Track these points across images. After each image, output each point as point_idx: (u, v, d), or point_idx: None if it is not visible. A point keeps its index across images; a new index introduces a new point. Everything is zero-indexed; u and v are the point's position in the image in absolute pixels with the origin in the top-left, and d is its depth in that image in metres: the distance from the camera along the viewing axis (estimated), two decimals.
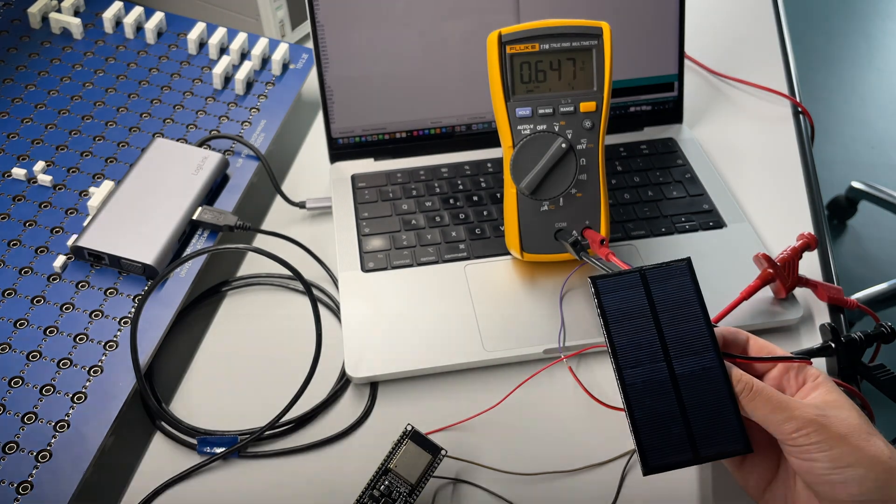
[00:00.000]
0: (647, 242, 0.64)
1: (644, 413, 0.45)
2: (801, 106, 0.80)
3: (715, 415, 0.45)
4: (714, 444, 0.45)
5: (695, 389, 0.46)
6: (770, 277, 0.58)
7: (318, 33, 0.67)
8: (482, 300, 0.60)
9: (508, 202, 0.60)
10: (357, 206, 0.67)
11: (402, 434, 0.49)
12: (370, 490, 0.48)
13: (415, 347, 0.57)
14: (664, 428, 0.45)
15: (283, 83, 0.74)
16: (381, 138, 0.71)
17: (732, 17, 0.92)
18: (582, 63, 0.58)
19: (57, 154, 0.65)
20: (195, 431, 0.53)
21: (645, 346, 0.46)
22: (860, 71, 2.20)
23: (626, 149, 0.72)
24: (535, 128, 0.58)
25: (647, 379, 0.46)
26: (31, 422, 0.50)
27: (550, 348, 0.57)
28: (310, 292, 0.53)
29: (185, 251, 0.61)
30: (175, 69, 0.73)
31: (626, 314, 0.47)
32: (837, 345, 0.55)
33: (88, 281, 0.58)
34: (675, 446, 0.45)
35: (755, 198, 0.70)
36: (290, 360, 0.58)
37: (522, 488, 0.51)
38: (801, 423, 0.43)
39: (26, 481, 0.47)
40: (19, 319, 0.55)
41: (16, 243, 0.59)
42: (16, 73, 0.71)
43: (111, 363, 0.53)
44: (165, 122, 0.69)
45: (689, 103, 0.78)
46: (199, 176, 0.63)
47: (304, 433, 0.54)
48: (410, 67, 0.69)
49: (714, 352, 0.46)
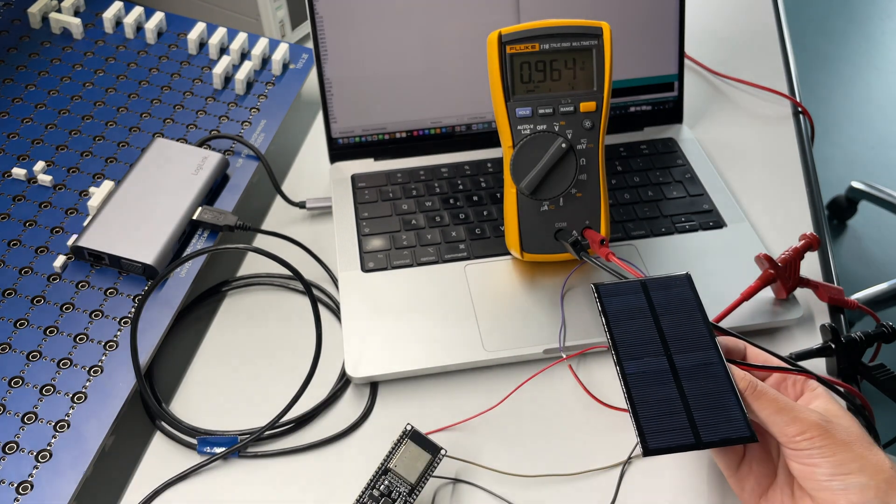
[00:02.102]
0: (647, 242, 0.64)
1: (644, 398, 0.45)
2: (801, 106, 0.80)
3: (718, 404, 0.44)
4: (717, 431, 0.44)
5: (696, 381, 0.45)
6: (771, 278, 0.58)
7: (318, 33, 0.67)
8: (482, 300, 0.60)
9: (508, 202, 0.60)
10: (357, 206, 0.67)
11: (402, 434, 0.49)
12: (370, 490, 0.48)
13: (415, 347, 0.57)
14: (665, 413, 0.44)
15: (283, 83, 0.74)
16: (381, 138, 0.71)
17: (732, 17, 0.92)
18: (582, 63, 0.58)
19: (57, 154, 0.65)
20: (195, 431, 0.53)
21: (646, 342, 0.47)
22: (860, 71, 2.20)
23: (626, 149, 0.72)
24: (535, 128, 0.58)
25: (647, 369, 0.46)
26: (31, 422, 0.50)
27: (550, 348, 0.57)
28: (310, 292, 0.53)
29: (185, 251, 0.61)
30: (175, 69, 0.73)
31: (627, 314, 0.48)
32: (837, 345, 0.55)
33: (88, 281, 0.58)
34: (676, 431, 0.44)
35: (755, 198, 0.70)
36: (290, 361, 0.58)
37: (522, 488, 0.51)
38: (806, 426, 0.43)
39: (26, 481, 0.47)
40: (19, 319, 0.55)
41: (16, 243, 0.59)
42: (16, 73, 0.71)
43: (111, 363, 0.53)
44: (165, 122, 0.69)
45: (689, 103, 0.78)
46: (199, 176, 0.63)
47: (304, 433, 0.54)
48: (410, 67, 0.69)
49: (715, 349, 0.46)
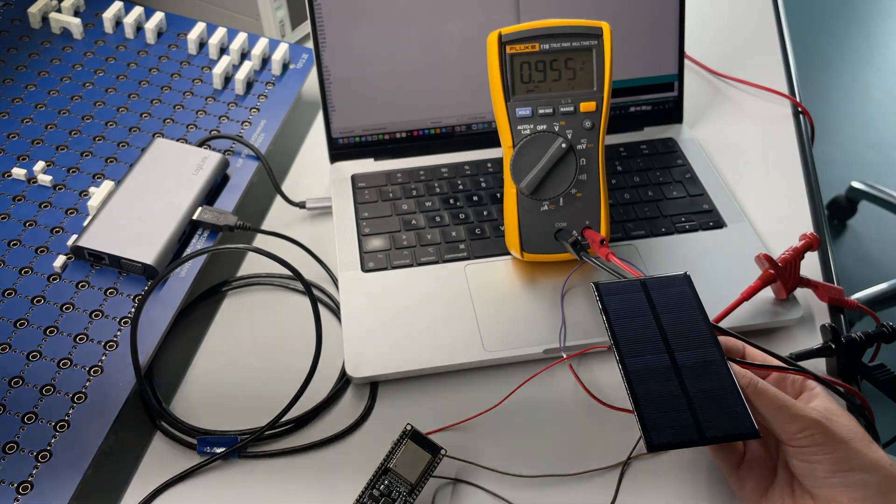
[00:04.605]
0: (647, 242, 0.64)
1: (646, 395, 0.45)
2: (801, 106, 0.80)
3: (720, 401, 0.44)
4: (720, 427, 0.44)
5: (698, 378, 0.45)
6: (771, 278, 0.58)
7: (318, 33, 0.67)
8: (482, 300, 0.60)
9: (508, 202, 0.60)
10: (357, 206, 0.67)
11: (402, 434, 0.49)
12: (370, 490, 0.48)
13: (415, 347, 0.57)
14: (668, 409, 0.44)
15: (283, 83, 0.74)
16: (381, 138, 0.71)
17: (732, 17, 0.92)
18: (582, 63, 0.58)
19: (57, 154, 0.65)
20: (195, 431, 0.53)
21: (647, 340, 0.47)
22: (860, 71, 2.20)
23: (626, 149, 0.72)
24: (535, 128, 0.58)
25: (649, 366, 0.46)
26: (31, 422, 0.50)
27: (551, 348, 0.57)
28: (310, 292, 0.53)
29: (185, 251, 0.61)
30: (175, 69, 0.73)
31: (628, 313, 0.48)
32: (837, 345, 0.55)
33: (88, 281, 0.58)
34: (679, 426, 0.44)
35: (755, 198, 0.70)
36: (290, 361, 0.58)
37: (522, 488, 0.51)
38: (806, 423, 0.43)
39: (26, 481, 0.47)
40: (19, 319, 0.55)
41: (16, 243, 0.59)
42: (16, 73, 0.71)
43: (111, 363, 0.53)
44: (165, 122, 0.69)
45: (689, 103, 0.78)
46: (199, 176, 0.63)
47: (304, 433, 0.54)
48: (410, 67, 0.69)
49: (715, 347, 0.46)
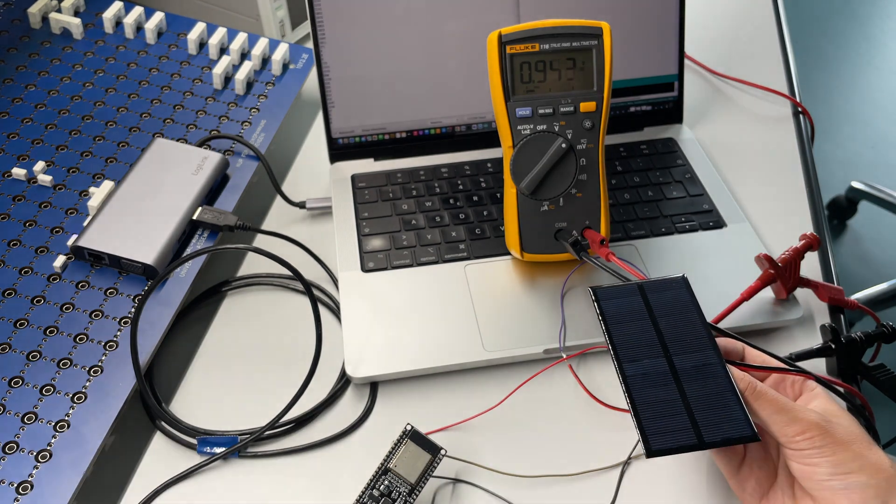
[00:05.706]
0: (647, 242, 0.64)
1: (645, 399, 0.45)
2: (801, 106, 0.80)
3: (719, 405, 0.45)
4: (720, 431, 0.44)
5: (696, 382, 0.45)
6: (771, 278, 0.58)
7: (318, 33, 0.67)
8: (482, 300, 0.60)
9: (508, 202, 0.60)
10: (357, 206, 0.67)
11: (402, 434, 0.49)
12: (370, 490, 0.48)
13: (415, 347, 0.57)
14: (666, 414, 0.44)
15: (283, 83, 0.74)
16: (381, 138, 0.71)
17: (732, 17, 0.92)
18: (582, 63, 0.58)
19: (57, 154, 0.65)
20: (195, 431, 0.53)
21: (644, 344, 0.47)
22: (860, 71, 2.20)
23: (626, 149, 0.72)
24: (535, 128, 0.58)
25: (647, 371, 0.46)
26: (31, 422, 0.50)
27: (551, 348, 0.57)
28: (310, 292, 0.53)
29: (185, 251, 0.61)
30: (175, 69, 0.73)
31: (625, 317, 0.48)
32: (837, 345, 0.55)
33: (88, 281, 0.58)
34: (678, 431, 0.44)
35: (755, 198, 0.70)
36: (290, 361, 0.58)
37: (522, 488, 0.51)
38: (806, 426, 0.43)
39: (26, 481, 0.47)
40: (19, 319, 0.55)
41: (16, 243, 0.59)
42: (16, 73, 0.71)
43: (111, 363, 0.53)
44: (165, 122, 0.69)
45: (689, 103, 0.78)
46: (199, 176, 0.63)
47: (304, 433, 0.54)
48: (410, 67, 0.69)
49: (713, 349, 0.46)
